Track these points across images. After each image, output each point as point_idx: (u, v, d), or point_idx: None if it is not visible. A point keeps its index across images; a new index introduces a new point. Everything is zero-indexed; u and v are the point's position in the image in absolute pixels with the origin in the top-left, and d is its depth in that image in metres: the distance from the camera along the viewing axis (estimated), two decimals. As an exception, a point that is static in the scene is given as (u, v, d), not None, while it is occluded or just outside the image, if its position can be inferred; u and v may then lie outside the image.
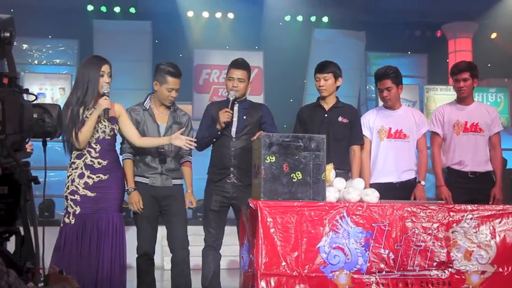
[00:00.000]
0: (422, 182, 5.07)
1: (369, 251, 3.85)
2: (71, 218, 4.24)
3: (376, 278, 3.84)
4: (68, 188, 4.30)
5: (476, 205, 4.11)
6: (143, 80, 10.98)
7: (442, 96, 11.89)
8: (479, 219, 4.01)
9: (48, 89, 11.02)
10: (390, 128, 5.10)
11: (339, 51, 11.36)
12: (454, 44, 12.78)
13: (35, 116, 2.27)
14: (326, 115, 4.89)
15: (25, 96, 2.20)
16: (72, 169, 4.31)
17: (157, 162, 4.70)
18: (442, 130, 5.31)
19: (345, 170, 4.73)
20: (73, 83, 11.22)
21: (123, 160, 4.78)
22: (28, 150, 3.11)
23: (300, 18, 12.37)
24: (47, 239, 2.22)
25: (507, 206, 4.16)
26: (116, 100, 10.61)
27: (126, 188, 4.75)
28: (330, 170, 4.13)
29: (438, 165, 5.28)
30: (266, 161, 3.94)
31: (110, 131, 4.38)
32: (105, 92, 4.33)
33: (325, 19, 12.41)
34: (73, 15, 11.15)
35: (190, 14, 11.98)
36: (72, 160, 4.34)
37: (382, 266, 3.85)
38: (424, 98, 12.38)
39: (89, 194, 4.26)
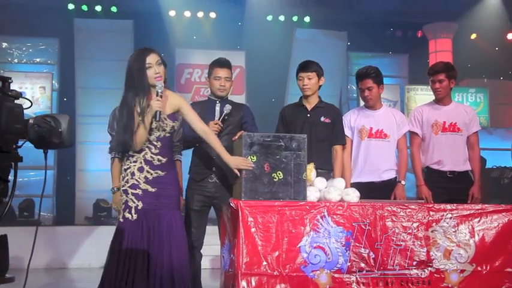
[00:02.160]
0: (403, 182, 5.11)
1: (350, 250, 3.87)
2: (132, 212, 4.02)
3: (356, 278, 3.86)
4: (127, 182, 4.08)
5: (455, 204, 4.15)
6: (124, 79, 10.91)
7: (423, 96, 11.97)
8: (459, 219, 4.05)
9: (28, 87, 10.94)
10: (371, 128, 5.14)
11: (320, 51, 11.40)
12: (434, 44, 12.87)
13: (30, 121, 2.28)
14: (308, 115, 4.90)
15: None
16: (131, 162, 4.09)
17: None
18: (421, 130, 5.35)
19: (326, 170, 4.75)
20: (53, 82, 11.31)
21: (111, 158, 4.73)
22: None
23: (281, 18, 12.38)
24: (26, 239, 2.21)
25: (486, 205, 4.20)
26: (98, 99, 10.64)
27: (111, 187, 4.71)
28: (310, 170, 4.15)
29: (418, 165, 5.32)
30: (247, 161, 3.95)
31: (170, 129, 4.16)
32: (158, 91, 4.05)
33: (307, 19, 12.43)
34: (54, 13, 11.05)
35: (172, 13, 11.94)
36: (130, 153, 4.11)
37: (363, 265, 3.87)
38: (405, 98, 12.47)
39: (150, 189, 4.06)
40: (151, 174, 4.09)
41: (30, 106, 2.37)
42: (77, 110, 11.05)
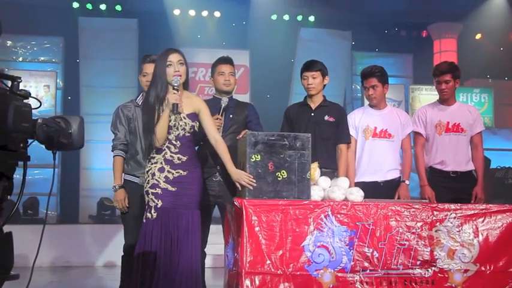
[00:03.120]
0: (407, 182, 5.10)
1: (353, 249, 3.87)
2: (152, 212, 4.11)
3: (360, 277, 3.86)
4: (148, 183, 4.17)
5: (459, 204, 4.15)
6: (129, 78, 10.95)
7: (427, 96, 11.95)
8: (463, 218, 4.05)
9: (32, 86, 10.94)
10: (376, 128, 5.13)
11: (325, 50, 11.38)
12: (439, 44, 12.84)
13: (39, 121, 2.30)
14: (312, 114, 4.91)
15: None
16: (152, 163, 4.18)
17: None
18: (424, 130, 5.35)
19: (331, 169, 4.76)
20: (58, 80, 11.33)
21: (113, 157, 4.76)
22: None
23: (286, 17, 12.38)
24: (31, 237, 2.22)
25: (490, 205, 4.20)
26: (102, 98, 10.67)
27: (113, 185, 4.74)
28: (314, 169, 4.15)
29: (421, 165, 5.32)
30: (251, 160, 3.96)
31: (190, 128, 4.22)
32: (175, 84, 4.14)
33: (311, 18, 12.43)
34: (58, 12, 11.07)
35: (176, 12, 11.95)
36: (151, 155, 4.21)
37: (366, 264, 3.88)
38: (410, 97, 12.44)
39: (170, 188, 4.13)
40: (173, 174, 4.16)
41: (39, 106, 2.39)
42: (81, 108, 11.07)
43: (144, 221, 4.16)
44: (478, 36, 12.99)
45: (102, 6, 11.66)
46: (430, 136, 5.33)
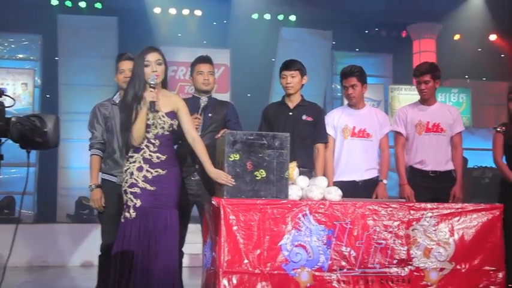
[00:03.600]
0: (384, 181, 5.14)
1: (331, 248, 3.89)
2: (131, 211, 4.09)
3: (337, 276, 3.88)
4: (126, 182, 4.15)
5: (435, 203, 4.19)
6: (109, 76, 10.75)
7: (407, 96, 12.02)
8: (439, 218, 4.09)
9: (10, 84, 10.83)
10: (354, 127, 5.16)
11: (305, 50, 11.40)
12: (418, 44, 12.93)
13: (13, 119, 2.27)
14: (291, 113, 4.92)
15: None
16: (130, 163, 4.16)
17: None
18: (405, 130, 5.38)
19: (308, 168, 4.78)
20: (36, 78, 11.22)
21: (90, 155, 4.74)
22: None
23: (267, 16, 12.37)
24: (7, 236, 2.20)
25: (465, 204, 4.24)
26: (81, 96, 10.57)
27: (89, 184, 4.71)
28: (293, 168, 4.16)
29: (401, 164, 5.35)
30: (230, 159, 3.96)
31: (169, 127, 4.22)
32: (152, 82, 4.13)
33: (292, 18, 12.44)
34: (37, 9, 10.96)
35: (157, 10, 11.90)
36: (130, 154, 4.19)
37: (344, 263, 3.90)
38: (389, 97, 12.50)
39: (149, 187, 4.12)
40: (151, 173, 4.15)
41: (13, 104, 2.36)
42: (59, 107, 10.97)
43: (123, 220, 4.14)
44: (457, 36, 13.10)
45: (82, 4, 11.56)
46: (410, 136, 5.36)
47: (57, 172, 10.97)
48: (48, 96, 11.57)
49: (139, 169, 4.14)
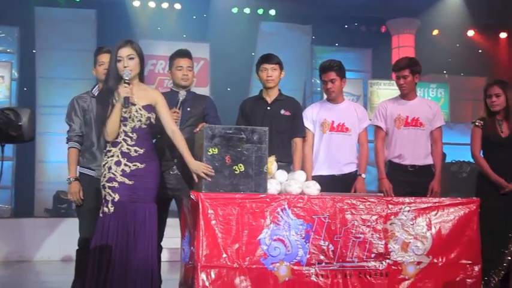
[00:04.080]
0: (363, 175, 5.15)
1: (309, 242, 3.89)
2: (109, 206, 4.07)
3: (315, 270, 3.89)
4: (104, 176, 4.12)
5: (413, 198, 4.21)
6: (87, 70, 10.65)
7: (386, 90, 12.10)
8: (416, 212, 4.11)
9: (-14, 77, 10.73)
10: (333, 122, 5.16)
11: (285, 44, 11.43)
12: (397, 39, 13.01)
13: None
14: (268, 108, 4.91)
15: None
16: (108, 157, 4.14)
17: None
18: (385, 124, 5.39)
19: (286, 163, 4.78)
20: (13, 71, 11.10)
21: (68, 148, 4.70)
22: None
23: (247, 10, 12.37)
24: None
25: (443, 198, 4.27)
26: (59, 89, 10.47)
27: (67, 177, 4.67)
28: (271, 163, 4.16)
29: (381, 158, 5.37)
30: (208, 153, 3.95)
31: (146, 120, 4.19)
32: (125, 78, 4.10)
33: (272, 12, 12.46)
34: (13, 1, 10.84)
35: (136, 3, 11.84)
36: (107, 148, 4.17)
37: (322, 257, 3.91)
38: (368, 92, 12.58)
39: (127, 181, 4.10)
40: (130, 167, 4.13)
41: None
42: (37, 100, 10.88)
43: (101, 215, 4.12)
44: (435, 32, 13.20)
45: (60, -4, 11.48)
46: (389, 130, 5.38)
47: (35, 166, 10.88)
48: (25, 89, 11.45)
49: (118, 163, 4.12)
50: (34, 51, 11.13)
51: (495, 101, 5.28)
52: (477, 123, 5.38)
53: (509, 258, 5.08)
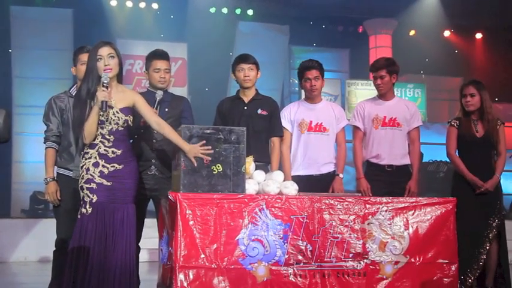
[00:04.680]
0: (341, 175, 5.17)
1: (287, 243, 3.90)
2: (87, 207, 4.04)
3: (293, 270, 3.90)
4: (82, 178, 4.10)
5: (390, 197, 4.23)
6: (64, 69, 10.65)
7: (363, 90, 12.17)
8: (394, 211, 4.14)
9: (-39, 77, 10.61)
10: (311, 122, 5.18)
11: (263, 44, 11.46)
12: (374, 40, 13.09)
13: None
14: (245, 107, 4.91)
15: None
16: (86, 159, 4.11)
17: None
18: (362, 124, 5.42)
19: (264, 162, 4.78)
20: (-13, 70, 10.95)
21: (45, 148, 4.66)
22: None
23: (225, 10, 12.37)
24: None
25: (420, 198, 4.30)
26: (35, 89, 10.37)
27: (44, 177, 4.63)
28: (249, 163, 4.17)
29: (359, 158, 5.39)
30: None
31: (123, 123, 4.15)
32: (104, 82, 4.06)
33: (250, 12, 12.47)
34: (-11, 0, 10.75)
35: (113, 3, 11.77)
36: (85, 150, 4.14)
37: (300, 257, 3.92)
38: (346, 92, 12.62)
39: (105, 182, 4.07)
40: (108, 168, 4.12)
41: None
42: (13, 100, 10.77)
43: (79, 216, 4.10)
44: (412, 32, 13.31)
45: (36, -5, 11.36)
46: (367, 130, 5.40)
47: (11, 166, 10.77)
48: (1, 89, 11.32)
49: (95, 165, 4.10)
50: (10, 50, 11.00)
51: (469, 100, 5.32)
52: (453, 123, 5.43)
53: (485, 257, 5.15)
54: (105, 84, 4.07)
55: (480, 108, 5.33)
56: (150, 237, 5.18)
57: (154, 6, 12.05)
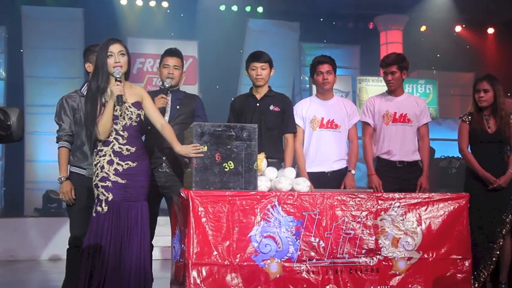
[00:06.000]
0: (353, 171, 5.15)
1: (300, 239, 3.90)
2: (103, 205, 4.07)
3: (306, 266, 3.89)
4: (97, 176, 4.12)
5: (403, 193, 4.21)
6: (75, 69, 10.76)
7: (374, 87, 12.12)
8: (406, 207, 4.12)
9: (-27, 76, 10.69)
10: (322, 118, 5.16)
11: (273, 41, 11.46)
12: (385, 36, 13.02)
13: None
14: (258, 104, 4.91)
15: None
16: (100, 156, 4.13)
17: None
18: (372, 120, 5.40)
19: (277, 159, 4.77)
20: (0, 70, 11.03)
21: (58, 148, 4.68)
22: None
23: (235, 8, 12.36)
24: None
25: (432, 194, 4.28)
26: (47, 89, 10.44)
27: (58, 177, 4.65)
28: (261, 160, 4.16)
29: (369, 154, 5.37)
30: (198, 151, 3.94)
31: (137, 117, 4.20)
32: (117, 76, 4.12)
33: (259, 9, 12.45)
34: (0, 0, 10.78)
35: (123, 1, 11.80)
36: (99, 148, 4.17)
37: (313, 254, 3.91)
38: (357, 88, 12.59)
39: (120, 180, 4.11)
40: (122, 166, 4.14)
41: None
42: (25, 99, 10.84)
43: (94, 214, 4.12)
44: (423, 28, 13.23)
45: (46, -5, 11.40)
46: (377, 126, 5.38)
47: (24, 165, 10.84)
48: (13, 88, 11.39)
49: (110, 162, 4.12)
50: (21, 50, 11.06)
51: (483, 96, 5.28)
52: (464, 119, 5.40)
53: (498, 253, 5.12)
54: (118, 79, 4.11)
55: (493, 104, 5.29)
56: (162, 235, 5.21)
57: (165, 4, 12.06)
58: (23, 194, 10.68)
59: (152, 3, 12.03)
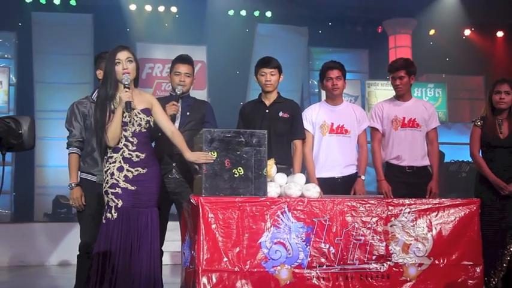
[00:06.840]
0: (362, 177, 5.13)
1: (310, 245, 3.89)
2: (113, 212, 4.09)
3: (316, 272, 3.89)
4: (107, 183, 4.14)
5: (413, 199, 4.20)
6: (84, 74, 10.81)
7: (383, 91, 12.11)
8: (417, 213, 4.11)
9: (-16, 83, 10.74)
10: (332, 124, 5.15)
11: (282, 46, 11.45)
12: (394, 39, 12.99)
13: None
14: (267, 110, 4.92)
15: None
16: (110, 163, 4.15)
17: None
18: (381, 126, 5.39)
19: (286, 165, 4.77)
20: (11, 76, 11.11)
21: (69, 154, 4.69)
22: None
23: (243, 12, 12.37)
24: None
25: (443, 199, 4.26)
26: (57, 94, 10.48)
27: (69, 183, 4.67)
28: (271, 166, 4.16)
29: (378, 160, 5.36)
30: (208, 157, 3.95)
31: (146, 123, 4.22)
32: (125, 83, 4.14)
33: (268, 14, 12.45)
34: (11, 6, 10.85)
35: (132, 7, 11.82)
36: (109, 154, 4.18)
37: (323, 260, 3.90)
38: (366, 92, 12.58)
39: (130, 187, 4.12)
40: (132, 172, 4.15)
41: None
42: (35, 105, 10.89)
43: (104, 221, 4.13)
44: (432, 32, 13.19)
45: (56, 1, 11.44)
46: (386, 131, 5.37)
47: (34, 171, 10.88)
48: (23, 94, 11.45)
49: (120, 169, 4.14)
50: (32, 56, 11.12)
51: (504, 98, 5.24)
52: (477, 123, 5.37)
53: (509, 258, 5.09)
54: (126, 85, 4.13)
55: (510, 108, 5.27)
56: (172, 240, 5.21)
57: (173, 9, 12.08)
58: (33, 199, 10.72)
59: (161, 9, 12.06)
